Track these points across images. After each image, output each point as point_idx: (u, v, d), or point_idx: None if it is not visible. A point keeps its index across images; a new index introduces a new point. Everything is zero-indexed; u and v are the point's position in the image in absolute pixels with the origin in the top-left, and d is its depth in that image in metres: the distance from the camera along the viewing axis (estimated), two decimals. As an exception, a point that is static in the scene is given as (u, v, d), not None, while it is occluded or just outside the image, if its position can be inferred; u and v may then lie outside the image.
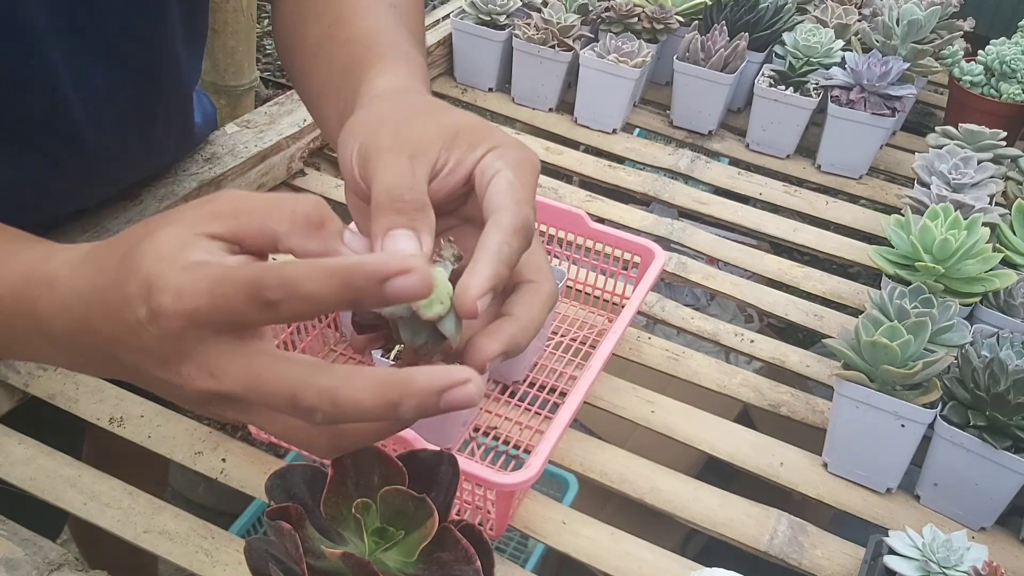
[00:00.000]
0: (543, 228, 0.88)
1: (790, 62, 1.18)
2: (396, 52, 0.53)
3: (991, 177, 0.96)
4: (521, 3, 1.23)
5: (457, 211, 0.44)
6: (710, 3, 1.24)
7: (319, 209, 0.35)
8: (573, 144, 1.19)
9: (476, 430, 0.76)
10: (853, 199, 1.15)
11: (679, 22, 1.22)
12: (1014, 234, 0.90)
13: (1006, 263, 0.87)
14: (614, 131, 1.21)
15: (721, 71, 1.16)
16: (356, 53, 0.53)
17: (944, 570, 0.62)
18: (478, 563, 0.44)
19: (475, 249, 0.38)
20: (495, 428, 0.76)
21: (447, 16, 1.28)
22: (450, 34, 1.26)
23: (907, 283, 0.79)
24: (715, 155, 1.21)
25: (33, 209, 0.80)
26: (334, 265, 0.32)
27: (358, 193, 0.43)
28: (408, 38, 0.56)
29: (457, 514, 0.67)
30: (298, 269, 0.32)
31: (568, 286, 0.89)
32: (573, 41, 1.18)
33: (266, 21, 2.96)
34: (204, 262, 0.34)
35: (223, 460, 0.71)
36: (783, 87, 1.16)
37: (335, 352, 0.82)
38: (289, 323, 0.54)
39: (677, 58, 1.17)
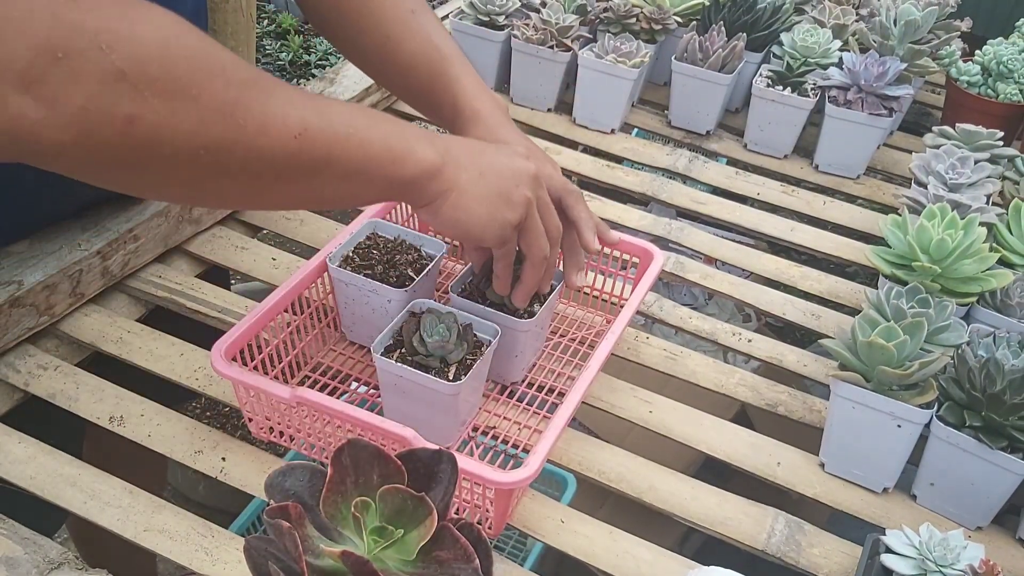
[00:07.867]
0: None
1: (788, 62, 1.18)
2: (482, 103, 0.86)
3: (988, 177, 0.96)
4: (520, 4, 1.23)
5: None
6: (708, 3, 1.24)
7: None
8: (571, 144, 1.19)
9: (475, 429, 0.76)
10: (850, 199, 1.15)
11: (677, 22, 1.23)
12: (1011, 234, 0.90)
13: (1003, 263, 0.87)
14: (612, 131, 1.21)
15: (719, 71, 1.16)
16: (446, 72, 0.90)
17: (941, 568, 0.62)
18: (477, 562, 0.44)
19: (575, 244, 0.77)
20: (494, 428, 0.76)
21: (446, 16, 1.28)
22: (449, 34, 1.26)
23: (904, 283, 0.80)
24: (713, 155, 1.22)
25: (33, 203, 0.80)
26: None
27: None
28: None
29: (456, 513, 0.67)
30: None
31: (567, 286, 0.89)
32: (572, 41, 1.19)
33: (266, 21, 2.96)
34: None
35: (223, 459, 0.72)
36: (781, 87, 1.16)
37: (334, 351, 0.82)
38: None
39: (675, 58, 1.18)
